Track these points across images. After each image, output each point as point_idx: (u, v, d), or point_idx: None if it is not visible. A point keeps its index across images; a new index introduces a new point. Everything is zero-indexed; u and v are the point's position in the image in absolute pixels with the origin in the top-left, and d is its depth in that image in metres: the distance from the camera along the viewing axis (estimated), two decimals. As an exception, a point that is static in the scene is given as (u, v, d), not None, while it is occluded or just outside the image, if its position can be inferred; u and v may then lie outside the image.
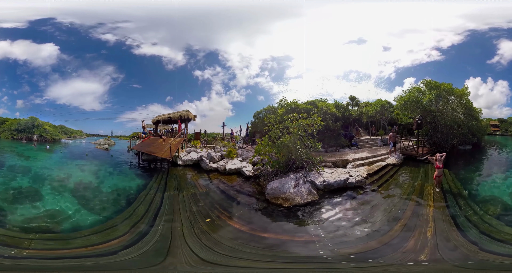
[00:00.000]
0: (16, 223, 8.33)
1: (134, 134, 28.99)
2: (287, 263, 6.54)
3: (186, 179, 13.50)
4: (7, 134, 28.27)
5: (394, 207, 9.29)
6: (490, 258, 6.44)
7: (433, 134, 18.17)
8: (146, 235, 7.74)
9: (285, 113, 14.63)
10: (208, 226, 8.27)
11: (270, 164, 12.36)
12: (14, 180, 12.40)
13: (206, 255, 6.70)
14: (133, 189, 12.06)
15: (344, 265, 6.27)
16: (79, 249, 7.08)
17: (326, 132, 15.87)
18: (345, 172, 12.18)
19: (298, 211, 9.38)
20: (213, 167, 14.86)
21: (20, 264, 6.35)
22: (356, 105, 25.93)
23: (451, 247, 6.80)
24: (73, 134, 34.19)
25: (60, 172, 14.35)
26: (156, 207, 9.81)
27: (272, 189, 10.62)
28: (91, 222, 8.72)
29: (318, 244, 7.20)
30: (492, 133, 27.53)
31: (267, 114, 19.02)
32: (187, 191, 11.49)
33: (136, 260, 6.56)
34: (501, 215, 8.64)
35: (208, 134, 23.97)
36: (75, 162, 17.70)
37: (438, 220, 8.18)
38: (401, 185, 11.45)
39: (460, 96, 18.19)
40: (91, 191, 11.57)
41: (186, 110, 19.17)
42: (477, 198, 9.94)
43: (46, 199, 10.38)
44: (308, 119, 12.54)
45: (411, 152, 15.88)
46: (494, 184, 11.55)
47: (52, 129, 29.62)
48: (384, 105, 22.76)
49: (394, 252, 6.67)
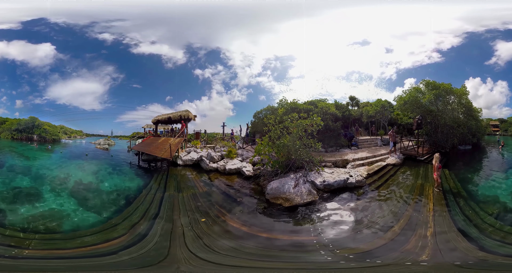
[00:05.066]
0: (16, 223, 8.33)
1: (134, 134, 29.00)
2: (287, 263, 6.54)
3: (186, 179, 13.50)
4: (7, 134, 28.28)
5: (394, 207, 9.30)
6: (490, 258, 6.44)
7: (433, 134, 18.19)
8: (146, 235, 7.74)
9: (285, 113, 14.63)
10: (208, 226, 8.28)
11: (270, 164, 12.36)
12: (14, 180, 12.41)
13: (206, 255, 6.70)
14: (133, 189, 12.07)
15: (344, 265, 6.27)
16: (79, 249, 7.08)
17: (326, 132, 15.87)
18: (345, 172, 12.18)
19: (298, 211, 9.39)
20: (213, 167, 14.86)
21: (20, 264, 6.35)
22: (356, 105, 25.92)
23: (451, 247, 6.79)
24: (73, 134, 34.21)
25: (60, 172, 14.37)
26: (156, 207, 9.82)
27: (272, 189, 10.63)
28: (91, 222, 8.73)
29: (318, 244, 7.20)
30: (492, 133, 27.54)
31: (267, 114, 19.03)
32: (187, 191, 11.49)
33: (136, 260, 6.56)
34: (501, 215, 8.64)
35: (208, 134, 23.95)
36: (75, 162, 17.72)
37: (438, 220, 8.17)
38: (401, 185, 11.45)
39: (460, 96, 18.24)
40: (91, 191, 11.58)
41: (186, 110, 19.16)
42: (477, 198, 9.94)
43: (46, 199, 10.39)
44: (308, 119, 12.54)
45: (411, 152, 15.88)
46: (494, 184, 11.55)
47: (52, 129, 29.63)
48: (384, 105, 22.77)
49: (394, 252, 6.67)
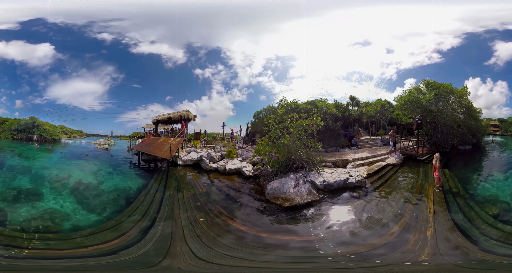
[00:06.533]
0: (16, 223, 8.32)
1: (134, 134, 28.99)
2: (287, 263, 6.54)
3: (186, 179, 13.50)
4: (7, 134, 28.27)
5: (394, 207, 9.30)
6: (490, 258, 6.44)
7: (433, 134, 18.18)
8: (146, 235, 7.74)
9: (285, 113, 14.62)
10: (208, 226, 8.28)
11: (270, 164, 12.36)
12: (14, 180, 12.41)
13: (206, 255, 6.70)
14: (133, 189, 12.06)
15: (344, 265, 6.27)
16: (79, 249, 7.08)
17: (326, 132, 15.87)
18: (345, 172, 12.18)
19: (298, 211, 9.38)
20: (213, 167, 14.85)
21: (20, 264, 6.35)
22: (356, 105, 25.90)
23: (451, 247, 6.80)
24: (73, 134, 34.21)
25: (60, 172, 14.36)
26: (156, 207, 9.81)
27: (272, 189, 10.62)
28: (91, 222, 8.73)
29: (318, 244, 7.20)
30: (492, 133, 27.52)
31: (267, 114, 19.02)
32: (187, 191, 11.49)
33: (136, 260, 6.56)
34: (501, 215, 8.64)
35: (208, 134, 23.93)
36: (75, 162, 17.71)
37: (438, 220, 8.18)
38: (401, 185, 11.45)
39: (460, 96, 18.22)
40: (91, 191, 11.57)
41: (186, 110, 19.15)
42: (477, 198, 9.94)
43: (46, 199, 10.38)
44: (308, 119, 12.54)
45: (411, 152, 15.87)
46: (494, 184, 11.55)
47: (52, 129, 29.62)
48: (384, 105, 22.74)
49: (394, 252, 6.67)
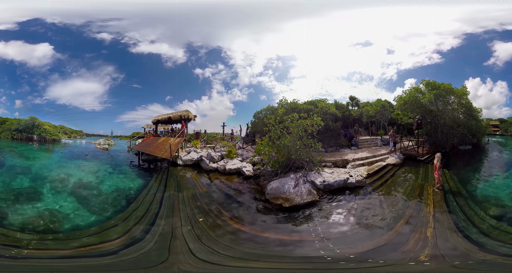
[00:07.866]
0: (16, 223, 8.32)
1: (134, 134, 28.99)
2: (287, 263, 6.54)
3: (186, 179, 13.50)
4: (7, 134, 28.28)
5: (394, 207, 9.30)
6: (490, 258, 6.43)
7: (433, 134, 18.19)
8: (146, 235, 7.73)
9: (285, 113, 14.64)
10: (208, 226, 8.28)
11: (270, 164, 12.36)
12: (14, 180, 12.41)
13: (205, 255, 6.70)
14: (133, 189, 12.07)
15: (344, 265, 6.27)
16: (79, 249, 7.07)
17: (326, 132, 15.88)
18: (345, 172, 12.18)
19: (298, 211, 9.38)
20: (213, 167, 14.86)
21: (20, 264, 6.34)
22: (356, 105, 25.92)
23: (451, 247, 6.79)
24: (73, 134, 34.22)
25: (60, 172, 14.36)
26: (156, 207, 9.81)
27: (272, 189, 10.62)
28: (91, 222, 8.72)
29: (318, 244, 7.20)
30: (492, 133, 27.53)
31: (267, 114, 19.03)
32: (187, 191, 11.49)
33: (136, 260, 6.56)
34: (501, 215, 8.64)
35: (208, 134, 23.93)
36: (75, 162, 17.71)
37: (438, 220, 8.17)
38: (401, 185, 11.45)
39: (460, 96, 18.25)
40: (91, 191, 11.57)
41: (186, 110, 19.17)
42: (477, 198, 9.94)
43: (46, 199, 10.38)
44: (308, 119, 12.54)
45: (411, 152, 15.88)
46: (494, 184, 11.55)
47: (52, 129, 29.64)
48: (384, 105, 22.76)
49: (394, 252, 6.66)
